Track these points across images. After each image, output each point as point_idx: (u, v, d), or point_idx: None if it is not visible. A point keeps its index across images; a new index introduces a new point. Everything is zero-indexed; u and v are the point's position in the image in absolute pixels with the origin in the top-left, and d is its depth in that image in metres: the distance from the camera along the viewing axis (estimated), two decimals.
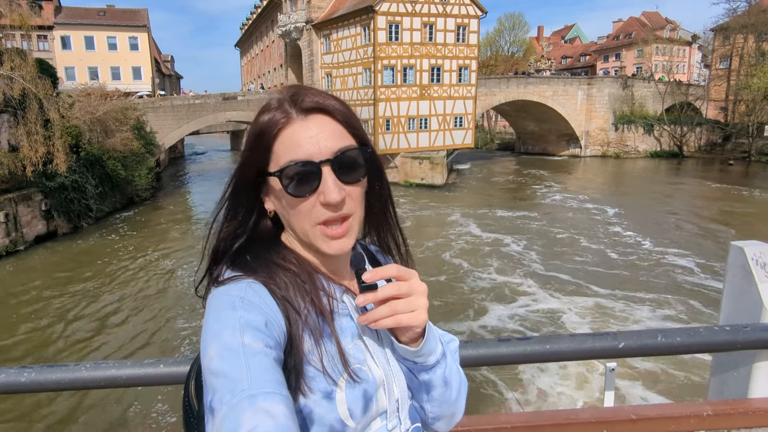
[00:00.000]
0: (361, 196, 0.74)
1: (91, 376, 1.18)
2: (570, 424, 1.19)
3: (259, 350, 0.59)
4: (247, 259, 0.73)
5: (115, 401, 8.11)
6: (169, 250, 17.77)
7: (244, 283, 0.68)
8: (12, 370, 1.19)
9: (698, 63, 63.81)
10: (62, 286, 14.10)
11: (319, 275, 0.75)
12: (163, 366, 1.19)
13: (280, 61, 44.06)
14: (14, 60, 17.94)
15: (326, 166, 0.69)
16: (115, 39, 42.40)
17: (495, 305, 12.09)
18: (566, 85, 42.38)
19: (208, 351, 0.59)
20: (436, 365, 0.75)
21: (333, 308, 0.73)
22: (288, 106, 0.71)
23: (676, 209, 23.87)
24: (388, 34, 28.57)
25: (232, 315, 0.62)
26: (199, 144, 73.67)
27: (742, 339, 1.20)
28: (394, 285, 0.68)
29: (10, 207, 16.89)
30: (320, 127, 0.70)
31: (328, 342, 0.69)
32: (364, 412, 0.69)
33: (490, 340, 1.21)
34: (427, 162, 29.89)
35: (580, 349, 1.18)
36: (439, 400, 0.77)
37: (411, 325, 0.69)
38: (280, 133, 0.70)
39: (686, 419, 1.17)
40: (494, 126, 63.32)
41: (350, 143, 0.72)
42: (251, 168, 0.73)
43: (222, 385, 0.55)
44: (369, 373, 0.72)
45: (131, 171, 24.07)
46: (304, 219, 0.71)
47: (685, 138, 44.23)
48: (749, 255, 1.29)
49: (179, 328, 11.16)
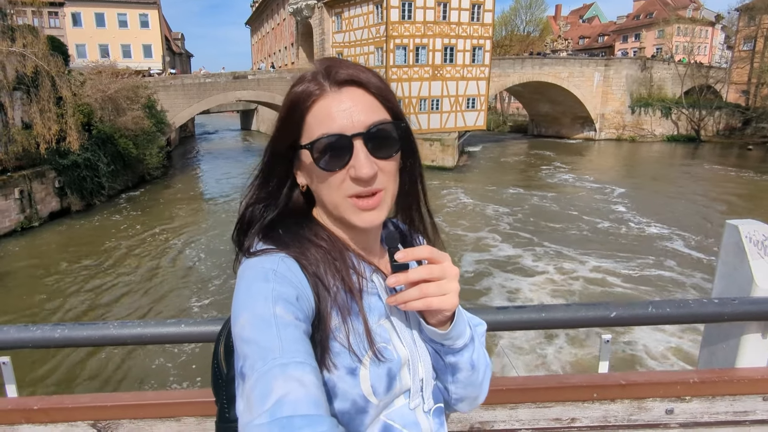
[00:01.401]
0: (394, 171, 0.73)
1: (118, 333, 1.28)
2: (562, 388, 1.26)
3: (290, 322, 0.59)
4: (280, 233, 0.73)
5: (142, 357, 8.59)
6: (180, 227, 18.08)
7: (276, 256, 0.68)
8: (47, 327, 1.29)
9: (720, 44, 61.59)
10: (77, 260, 14.48)
11: (350, 253, 0.75)
12: (184, 326, 1.28)
13: (291, 40, 43.54)
14: (26, 37, 17.99)
15: (358, 140, 0.68)
16: (125, 16, 42.17)
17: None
18: (582, 67, 41.36)
19: (239, 319, 0.60)
20: (464, 349, 0.76)
21: (362, 287, 0.73)
22: (322, 78, 0.70)
23: (685, 192, 23.63)
24: (400, 12, 28.00)
25: (264, 286, 0.62)
26: (210, 123, 73.83)
27: (730, 311, 1.26)
28: (426, 267, 0.68)
29: (25, 184, 17.22)
30: (353, 100, 0.69)
31: (355, 320, 0.69)
32: (388, 389, 0.70)
33: (488, 307, 1.27)
34: (438, 144, 29.65)
35: (573, 317, 1.24)
36: (464, 382, 0.78)
37: (441, 309, 0.69)
38: (313, 106, 0.70)
39: (673, 386, 1.24)
40: (507, 108, 62.26)
41: (384, 117, 0.71)
42: (284, 140, 0.73)
43: (254, 353, 0.56)
44: (394, 352, 0.72)
45: (142, 149, 24.25)
46: (335, 192, 0.70)
47: (703, 122, 43.13)
48: (743, 233, 1.33)
49: (189, 300, 11.50)
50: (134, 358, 8.75)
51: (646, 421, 1.27)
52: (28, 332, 1.28)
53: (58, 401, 1.31)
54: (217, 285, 12.29)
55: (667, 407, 1.26)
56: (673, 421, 1.28)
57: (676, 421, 1.28)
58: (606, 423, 1.28)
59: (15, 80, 17.76)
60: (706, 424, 1.27)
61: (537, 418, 1.28)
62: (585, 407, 1.28)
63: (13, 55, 17.65)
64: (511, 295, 11.79)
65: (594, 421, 1.28)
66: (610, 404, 1.28)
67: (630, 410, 1.28)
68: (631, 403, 1.27)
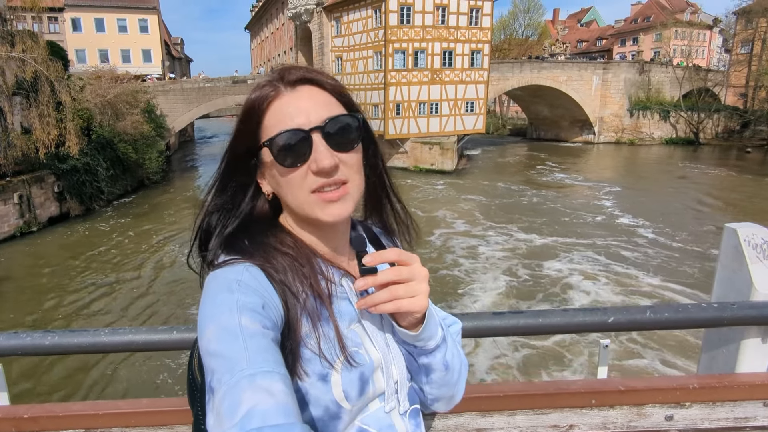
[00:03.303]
0: (356, 164, 0.72)
1: (109, 340, 1.26)
2: (560, 394, 1.24)
3: (257, 331, 0.58)
4: (244, 243, 0.71)
5: (130, 366, 8.48)
6: (178, 232, 18.05)
7: (240, 266, 0.67)
8: (37, 334, 1.27)
9: (718, 47, 61.90)
10: (76, 265, 14.45)
11: (318, 258, 0.74)
12: (176, 332, 1.26)
13: (290, 44, 43.69)
14: (26, 42, 18.04)
15: (316, 133, 0.68)
16: (125, 21, 42.33)
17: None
18: (581, 70, 41.51)
19: (205, 333, 0.59)
20: (436, 349, 0.75)
21: (331, 292, 0.72)
22: (276, 81, 0.71)
23: (680, 194, 23.66)
24: (399, 16, 28.11)
25: (229, 298, 0.61)
26: (209, 128, 73.82)
27: (730, 316, 1.24)
28: (394, 270, 0.68)
29: (24, 188, 17.22)
30: (309, 97, 0.70)
31: (325, 326, 0.69)
32: (360, 394, 0.70)
33: (484, 313, 1.26)
34: (437, 147, 29.69)
35: (571, 323, 1.22)
36: (438, 382, 0.78)
37: (411, 311, 0.69)
38: (269, 107, 0.70)
39: (673, 391, 1.22)
40: (506, 111, 62.43)
41: (340, 111, 0.71)
42: (242, 143, 0.72)
43: (221, 366, 0.55)
44: (366, 356, 0.72)
45: (142, 154, 24.28)
46: (298, 189, 0.69)
47: (701, 125, 43.23)
48: (742, 236, 1.31)
49: (185, 304, 11.45)
50: (127, 365, 8.64)
51: (645, 428, 1.26)
52: (19, 339, 1.26)
53: (49, 409, 1.29)
54: None
55: (667, 413, 1.24)
56: (673, 427, 1.26)
57: (675, 428, 1.26)
58: (605, 429, 1.26)
59: (14, 85, 17.80)
60: (707, 430, 1.26)
61: (535, 424, 1.26)
62: (583, 413, 1.26)
63: (13, 60, 17.69)
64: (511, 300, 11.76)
65: (593, 427, 1.26)
66: (609, 410, 1.26)
67: (629, 416, 1.26)
68: (630, 409, 1.25)
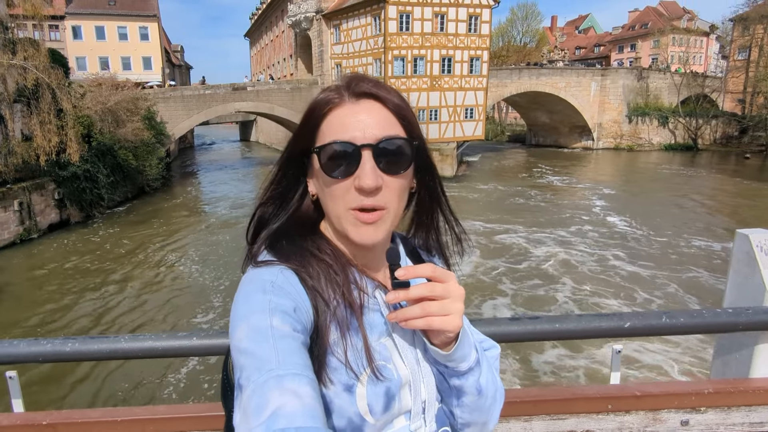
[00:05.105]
0: (401, 190, 0.71)
1: (129, 347, 1.27)
2: (576, 400, 1.25)
3: (287, 333, 0.59)
4: (284, 245, 0.73)
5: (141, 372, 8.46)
6: (179, 238, 18.04)
7: (276, 268, 0.68)
8: (57, 341, 1.28)
9: (716, 54, 62.39)
10: (76, 272, 14.40)
11: (353, 268, 0.74)
12: (196, 339, 1.27)
13: (290, 52, 43.96)
14: (27, 50, 18.11)
15: (367, 151, 0.67)
16: (125, 29, 42.60)
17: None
18: (579, 77, 41.77)
19: (236, 332, 0.60)
20: (468, 372, 0.73)
21: (363, 302, 0.71)
22: (343, 89, 0.72)
23: (678, 199, 23.74)
24: (398, 24, 28.32)
25: (261, 298, 0.62)
26: (209, 134, 74.08)
27: (744, 321, 1.25)
28: (427, 285, 0.66)
29: (24, 195, 17.20)
30: (369, 112, 0.70)
31: (354, 336, 0.68)
32: (385, 409, 0.68)
33: (501, 318, 1.27)
34: (436, 153, 29.78)
35: (587, 328, 1.23)
36: (470, 407, 0.75)
37: (443, 329, 0.67)
38: (329, 113, 0.71)
39: (688, 396, 1.23)
40: (505, 117, 62.74)
41: (398, 133, 0.70)
42: (299, 143, 0.74)
43: (250, 364, 0.56)
44: (394, 371, 0.70)
45: (142, 161, 24.30)
46: (339, 202, 0.70)
47: (700, 131, 43.45)
48: (754, 242, 1.33)
49: (186, 311, 11.41)
50: (146, 371, 8.58)
51: None
52: (39, 346, 1.27)
53: (67, 416, 1.30)
54: (221, 297, 12.23)
55: (683, 418, 1.25)
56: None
57: None
58: None
59: (16, 92, 17.85)
60: None
61: (551, 430, 1.27)
62: (599, 419, 1.27)
63: (14, 67, 17.76)
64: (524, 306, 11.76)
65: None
66: (625, 416, 1.27)
67: (645, 422, 1.27)
68: (646, 414, 1.26)
